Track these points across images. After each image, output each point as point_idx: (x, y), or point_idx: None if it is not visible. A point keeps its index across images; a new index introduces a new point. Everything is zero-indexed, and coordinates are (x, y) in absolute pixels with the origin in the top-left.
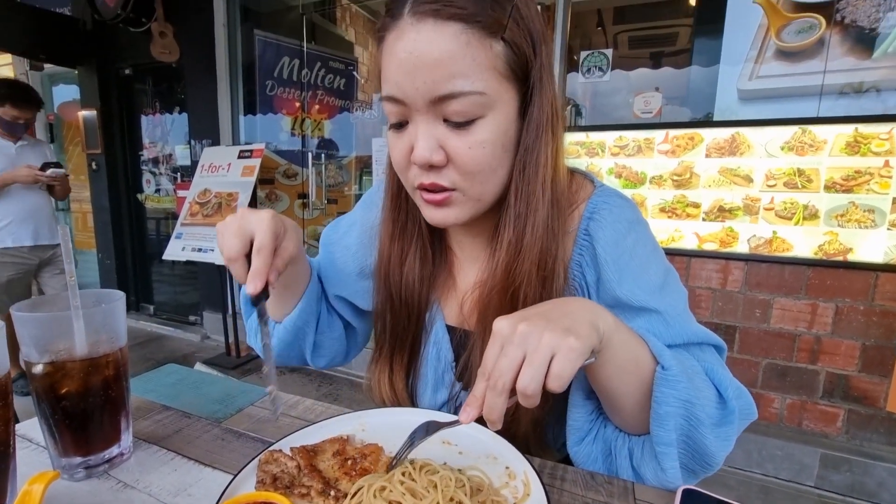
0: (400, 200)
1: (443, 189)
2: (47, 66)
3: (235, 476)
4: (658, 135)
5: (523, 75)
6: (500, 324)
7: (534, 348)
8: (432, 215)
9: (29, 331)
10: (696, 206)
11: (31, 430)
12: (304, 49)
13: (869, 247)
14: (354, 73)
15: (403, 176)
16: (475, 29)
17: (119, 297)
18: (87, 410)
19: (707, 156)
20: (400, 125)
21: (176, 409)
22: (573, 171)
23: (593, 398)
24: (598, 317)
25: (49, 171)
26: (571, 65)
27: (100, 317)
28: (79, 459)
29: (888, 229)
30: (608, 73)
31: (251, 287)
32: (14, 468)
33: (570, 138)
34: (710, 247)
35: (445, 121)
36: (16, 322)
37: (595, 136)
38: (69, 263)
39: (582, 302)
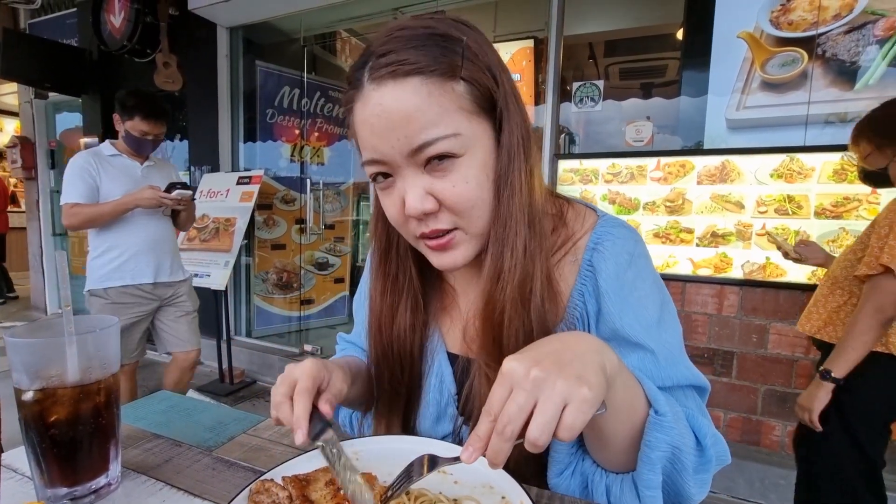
0: (390, 255)
1: (445, 232)
2: (51, 94)
3: None
4: (650, 162)
5: (490, 106)
6: (511, 365)
7: (546, 397)
8: (441, 261)
9: (22, 357)
10: (690, 231)
11: (16, 460)
12: (305, 79)
13: None
14: None
15: (403, 230)
16: (433, 78)
17: (112, 322)
18: (76, 439)
19: (699, 183)
20: (387, 183)
21: (166, 438)
22: (573, 203)
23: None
24: (605, 358)
25: (175, 193)
26: (565, 95)
27: (93, 343)
28: (65, 490)
29: None
30: (600, 103)
31: (297, 438)
32: None
33: (565, 165)
34: (704, 272)
35: (427, 168)
36: (8, 348)
37: (588, 164)
38: (65, 289)
39: (589, 341)
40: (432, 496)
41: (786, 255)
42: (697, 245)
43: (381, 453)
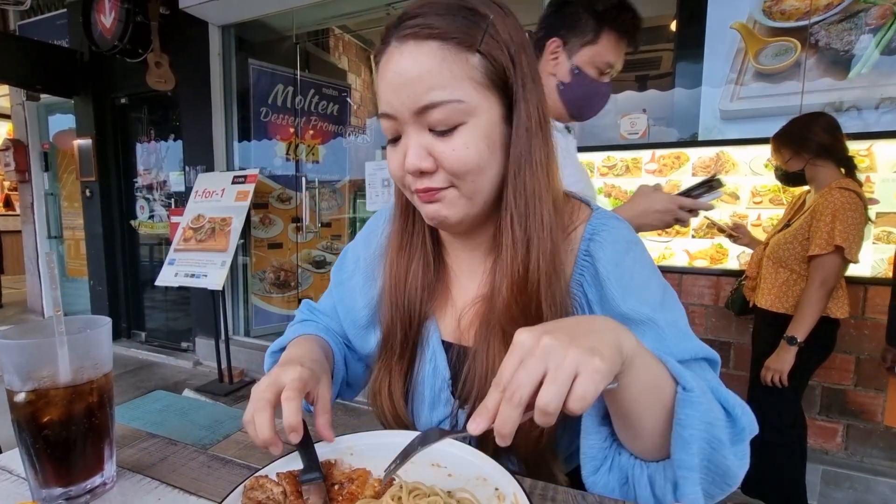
0: (408, 213)
1: (438, 190)
2: (43, 96)
3: (220, 503)
4: (645, 154)
5: (503, 84)
6: (523, 336)
7: (556, 365)
8: (428, 210)
9: (12, 358)
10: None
11: (11, 462)
12: (298, 77)
13: None
14: (348, 99)
15: (402, 184)
16: (451, 45)
17: (105, 322)
18: (69, 439)
19: (693, 174)
20: (395, 140)
21: (162, 437)
22: (567, 194)
23: (607, 424)
24: (622, 338)
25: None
26: None
27: (84, 343)
28: (59, 490)
29: (873, 243)
30: None
31: (294, 438)
32: None
33: None
34: (700, 263)
35: (431, 130)
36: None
37: (584, 157)
38: (55, 290)
39: (605, 321)
40: (426, 489)
41: (721, 231)
42: (693, 237)
43: (377, 448)
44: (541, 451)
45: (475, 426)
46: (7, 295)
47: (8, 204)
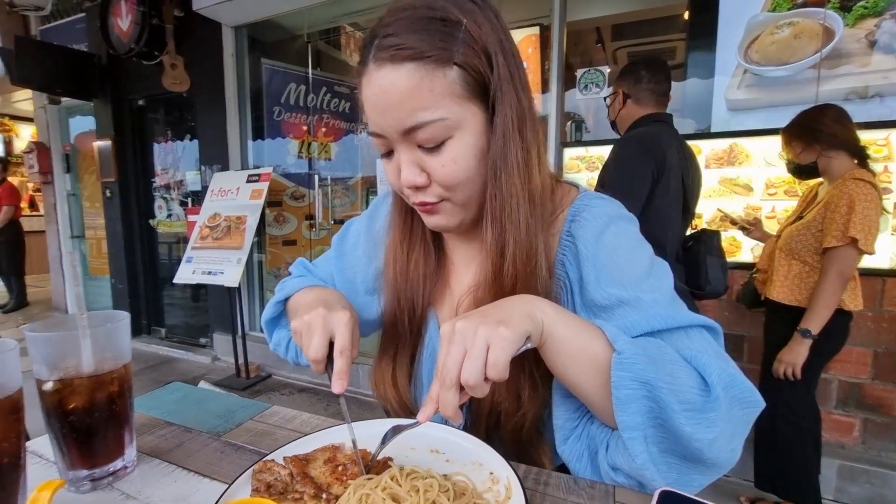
0: (406, 210)
1: (433, 203)
2: (64, 99)
3: (230, 485)
4: None
5: (483, 91)
6: (444, 327)
7: (471, 342)
8: (428, 221)
9: (40, 349)
10: (698, 216)
11: (41, 447)
12: (310, 75)
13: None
14: (359, 96)
15: (401, 193)
16: (428, 63)
17: (123, 317)
18: (92, 425)
19: (706, 166)
20: (388, 154)
21: (178, 425)
22: (560, 181)
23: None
24: (534, 308)
25: None
26: (571, 82)
27: (105, 336)
28: (85, 472)
29: (891, 234)
30: (605, 90)
31: (338, 387)
32: (24, 480)
33: (571, 153)
34: None
35: (420, 146)
36: (28, 341)
37: (595, 151)
38: (77, 286)
39: (520, 297)
40: (423, 472)
41: (733, 224)
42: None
43: (375, 435)
44: (526, 436)
45: (422, 415)
46: (32, 293)
47: (32, 205)
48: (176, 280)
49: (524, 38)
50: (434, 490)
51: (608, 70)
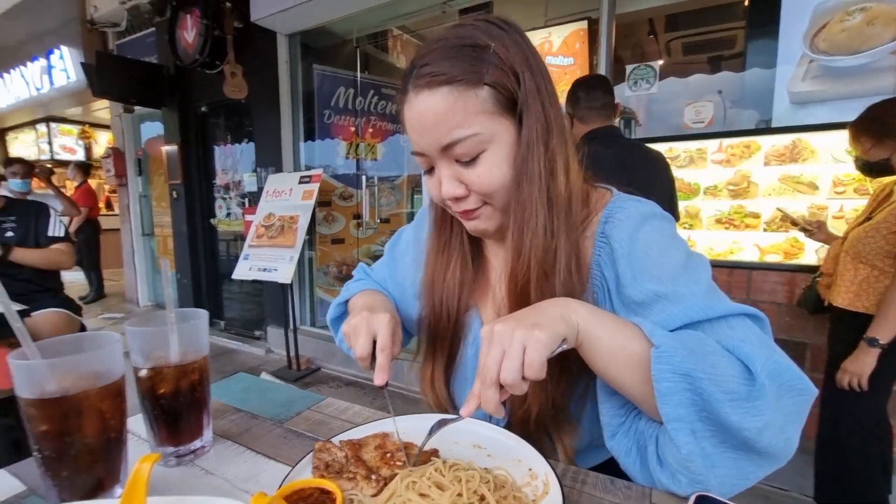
0: (444, 222)
1: (473, 210)
2: (136, 107)
3: (294, 466)
4: (711, 144)
5: (513, 105)
6: (483, 330)
7: (508, 344)
8: (469, 226)
9: (137, 342)
10: (756, 216)
11: (135, 426)
12: (358, 78)
13: None
14: None
15: (444, 206)
16: (460, 86)
17: (203, 314)
18: (178, 409)
19: (766, 164)
20: (430, 171)
21: (246, 412)
22: (595, 186)
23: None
24: (568, 310)
25: None
26: (621, 77)
27: (189, 331)
28: (171, 449)
29: None
30: (655, 85)
31: (379, 380)
32: (126, 453)
33: None
34: (773, 258)
35: (458, 161)
36: (128, 335)
37: None
38: (168, 288)
39: (555, 301)
40: (465, 464)
41: (794, 224)
42: (765, 230)
43: (419, 429)
44: (533, 428)
45: (464, 410)
46: (108, 286)
47: (108, 205)
48: (234, 276)
49: (571, 34)
50: (475, 481)
51: (660, 64)
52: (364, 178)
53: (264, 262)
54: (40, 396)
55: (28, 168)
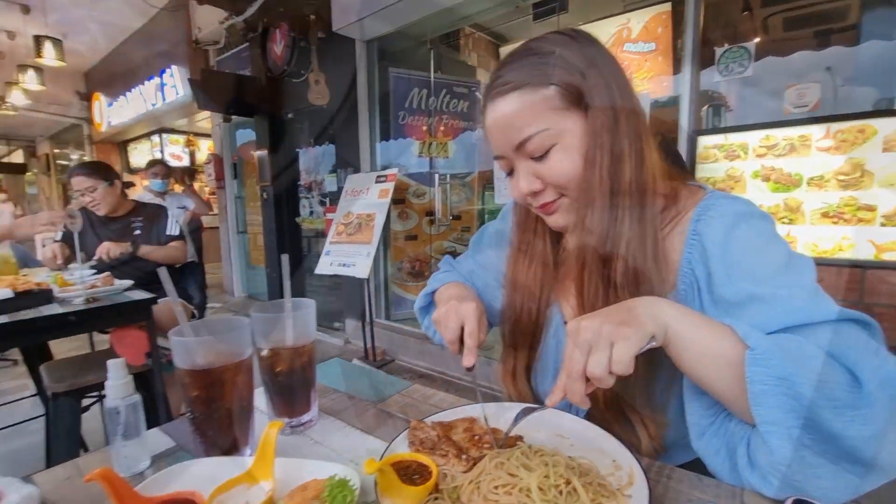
0: (527, 224)
1: (551, 203)
2: (233, 116)
3: (391, 443)
4: (816, 130)
5: (580, 99)
6: (570, 325)
7: (596, 340)
8: (548, 220)
9: (260, 326)
10: (871, 209)
11: (257, 400)
12: (432, 79)
13: None
14: (477, 93)
15: (526, 205)
16: (527, 89)
17: (311, 304)
18: (292, 385)
19: (885, 150)
20: (510, 173)
21: (343, 392)
22: (687, 184)
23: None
24: (657, 309)
25: None
26: (709, 60)
27: (300, 319)
28: (286, 420)
29: None
30: (750, 67)
31: (468, 361)
32: (253, 420)
33: (707, 141)
34: (891, 256)
35: (532, 157)
36: (252, 320)
37: (736, 138)
38: (287, 280)
39: (643, 299)
40: (549, 451)
41: None
42: (883, 224)
43: (502, 417)
44: (635, 400)
45: (550, 400)
46: (208, 279)
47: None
48: (317, 271)
49: (652, 18)
50: (561, 466)
51: (755, 43)
52: (436, 175)
53: (343, 258)
54: (192, 367)
55: (167, 170)
